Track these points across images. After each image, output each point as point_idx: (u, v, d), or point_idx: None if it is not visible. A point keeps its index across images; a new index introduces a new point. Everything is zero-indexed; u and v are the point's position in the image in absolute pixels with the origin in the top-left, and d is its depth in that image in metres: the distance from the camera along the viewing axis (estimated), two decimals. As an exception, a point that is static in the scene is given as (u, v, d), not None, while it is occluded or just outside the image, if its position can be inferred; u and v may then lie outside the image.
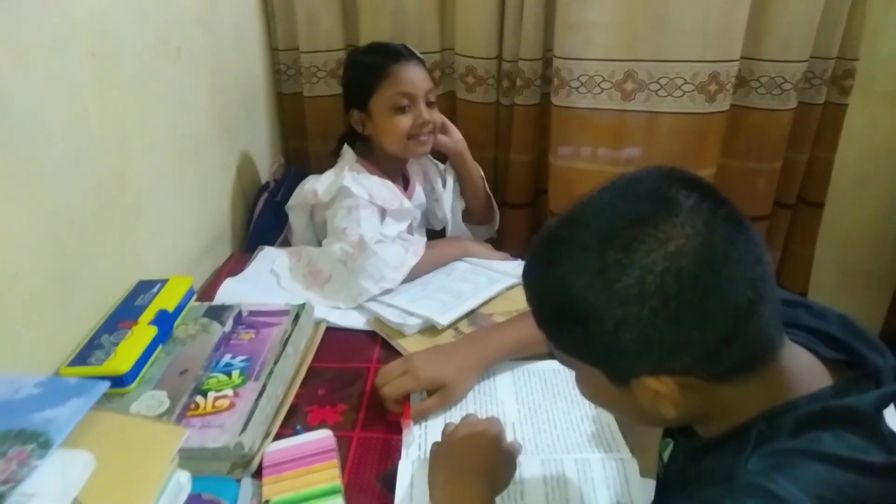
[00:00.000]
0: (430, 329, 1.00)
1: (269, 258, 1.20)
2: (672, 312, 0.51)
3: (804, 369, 0.58)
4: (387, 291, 1.07)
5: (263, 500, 0.70)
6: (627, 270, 0.51)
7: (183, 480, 0.53)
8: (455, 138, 1.31)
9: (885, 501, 0.51)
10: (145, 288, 0.92)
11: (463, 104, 1.53)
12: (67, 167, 0.80)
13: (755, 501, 0.49)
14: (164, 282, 0.93)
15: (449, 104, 1.55)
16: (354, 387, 0.91)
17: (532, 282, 0.59)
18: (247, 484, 0.72)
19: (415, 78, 1.19)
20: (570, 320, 0.56)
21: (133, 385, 0.78)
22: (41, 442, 0.46)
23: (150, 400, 0.76)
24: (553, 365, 0.91)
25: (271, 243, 1.27)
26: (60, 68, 0.78)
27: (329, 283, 1.11)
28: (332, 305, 1.07)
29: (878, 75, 1.59)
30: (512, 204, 1.60)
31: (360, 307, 1.07)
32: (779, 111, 1.40)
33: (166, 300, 0.90)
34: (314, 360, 0.94)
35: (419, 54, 1.25)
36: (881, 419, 0.54)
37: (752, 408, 0.56)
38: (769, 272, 0.55)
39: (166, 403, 0.75)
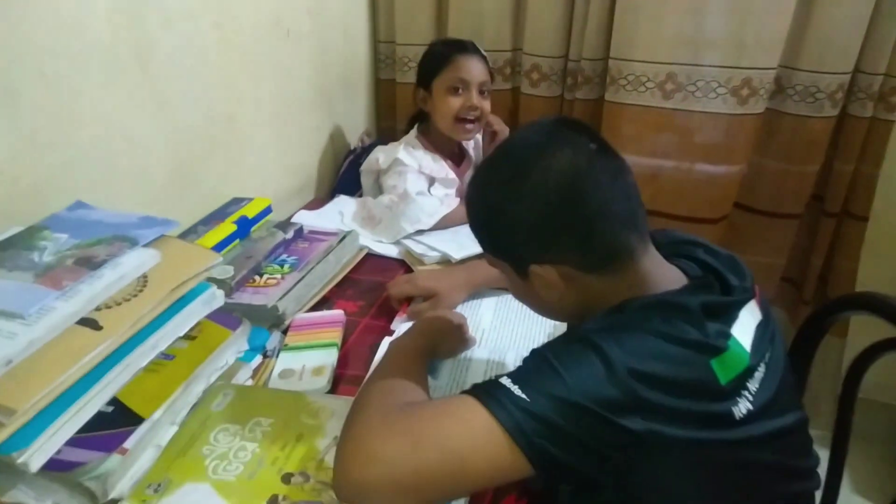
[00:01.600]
0: (445, 262, 1.24)
1: (342, 203, 1.49)
2: (544, 214, 0.72)
3: (663, 277, 0.76)
4: (420, 232, 1.32)
5: (283, 344, 0.98)
6: (517, 181, 0.73)
7: (217, 294, 0.81)
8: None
9: (689, 366, 0.67)
10: (236, 202, 1.24)
11: (526, 98, 1.75)
12: (190, 102, 1.13)
13: (580, 347, 0.67)
14: (250, 199, 1.24)
15: (514, 98, 1.78)
16: (375, 293, 1.16)
17: (466, 196, 0.82)
18: (276, 335, 1.00)
19: (472, 67, 1.43)
20: (484, 221, 0.78)
21: (212, 259, 1.08)
22: (132, 241, 0.76)
23: (220, 269, 1.06)
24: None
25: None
26: (192, 31, 1.10)
27: (379, 226, 1.38)
28: (377, 240, 1.34)
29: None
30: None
31: (396, 242, 1.33)
32: (812, 118, 1.50)
33: (249, 211, 1.20)
34: (352, 272, 1.22)
35: (483, 51, 1.49)
36: (711, 315, 0.71)
37: (617, 299, 0.75)
38: (630, 194, 0.74)
39: (231, 273, 1.05)
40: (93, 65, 0.92)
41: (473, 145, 1.59)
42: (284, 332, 1.02)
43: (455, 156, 1.54)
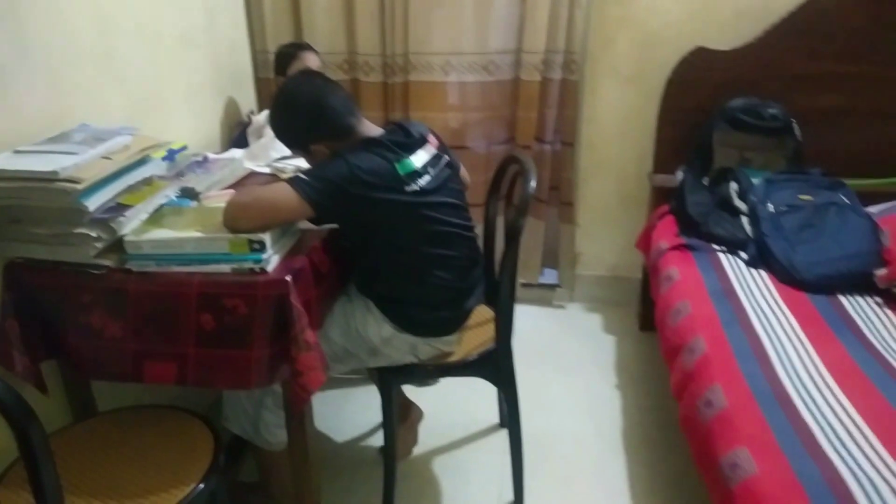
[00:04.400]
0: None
1: (234, 151, 2.27)
2: (305, 116, 1.54)
3: (373, 133, 1.59)
4: (283, 158, 2.13)
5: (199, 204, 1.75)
6: (288, 103, 1.56)
7: (162, 163, 1.59)
8: None
9: (381, 164, 1.49)
10: (166, 143, 2.00)
11: (363, 84, 2.61)
12: (137, 81, 1.89)
13: (336, 159, 1.49)
14: (172, 142, 2.01)
15: (354, 85, 2.63)
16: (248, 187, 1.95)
17: (270, 122, 1.64)
18: (194, 203, 1.77)
19: (311, 58, 2.26)
20: (281, 132, 1.60)
21: (155, 168, 1.85)
22: (119, 133, 1.53)
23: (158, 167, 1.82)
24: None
25: (242, 151, 2.35)
26: (142, 38, 1.88)
27: (257, 158, 2.17)
28: (256, 165, 2.14)
29: (620, 66, 2.58)
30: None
31: (267, 164, 2.13)
32: (527, 81, 2.44)
33: (174, 147, 1.97)
34: (241, 180, 2.01)
35: (315, 49, 2.32)
36: (397, 146, 1.54)
37: None
38: (345, 99, 1.56)
39: (164, 171, 1.81)
40: (87, 59, 1.68)
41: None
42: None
43: None
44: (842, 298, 1.90)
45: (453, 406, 2.26)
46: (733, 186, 2.30)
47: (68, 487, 1.24)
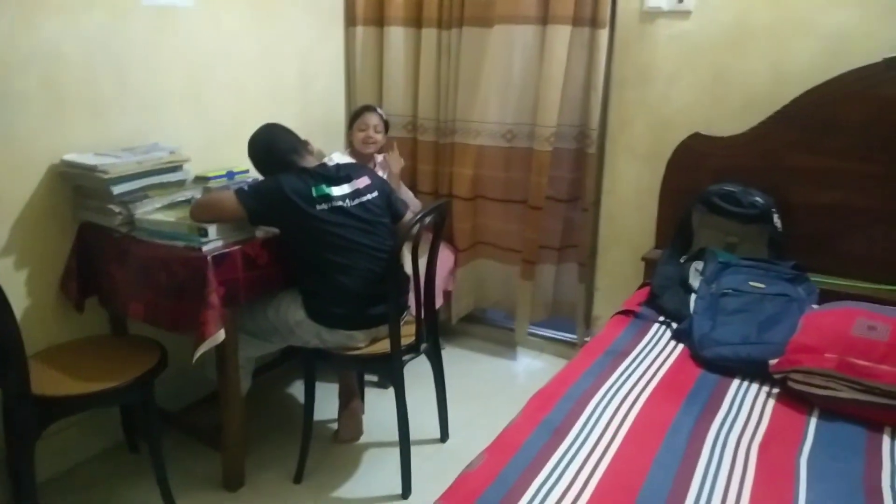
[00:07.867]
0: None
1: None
2: (263, 153, 2.19)
3: (308, 165, 2.14)
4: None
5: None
6: (252, 144, 2.20)
7: (189, 170, 2.29)
8: (394, 164, 2.92)
9: (301, 186, 2.04)
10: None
11: (420, 143, 3.16)
12: (218, 119, 2.67)
13: (271, 179, 2.08)
14: (236, 166, 2.74)
15: (413, 143, 3.19)
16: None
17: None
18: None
19: (369, 118, 2.86)
20: (252, 163, 2.23)
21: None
22: (166, 150, 2.27)
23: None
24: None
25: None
26: (228, 95, 2.66)
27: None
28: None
29: (636, 145, 2.77)
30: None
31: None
32: (538, 151, 2.77)
33: (235, 169, 2.69)
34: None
35: (379, 110, 2.92)
36: (320, 177, 2.08)
37: None
38: (293, 141, 2.19)
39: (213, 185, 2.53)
40: (174, 98, 2.48)
41: (378, 164, 2.99)
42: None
43: (367, 161, 2.96)
44: (735, 381, 1.91)
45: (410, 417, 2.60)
46: (696, 266, 2.36)
47: (44, 360, 1.96)
